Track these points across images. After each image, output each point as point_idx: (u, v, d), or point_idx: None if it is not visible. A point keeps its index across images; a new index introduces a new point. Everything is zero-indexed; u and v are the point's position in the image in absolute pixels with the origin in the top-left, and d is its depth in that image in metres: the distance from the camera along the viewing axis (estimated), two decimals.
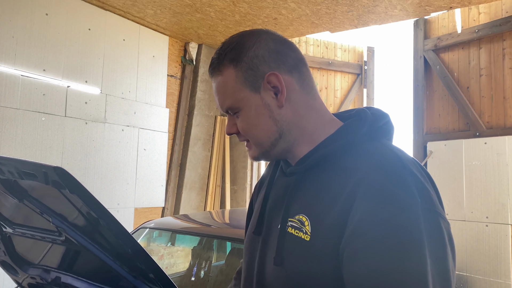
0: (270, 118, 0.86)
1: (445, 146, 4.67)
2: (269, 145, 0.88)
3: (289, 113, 0.87)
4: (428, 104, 5.03)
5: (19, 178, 0.90)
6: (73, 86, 3.88)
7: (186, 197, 5.11)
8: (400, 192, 0.71)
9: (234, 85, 0.86)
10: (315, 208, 0.80)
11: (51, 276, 1.47)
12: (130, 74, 4.46)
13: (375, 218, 0.70)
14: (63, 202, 0.94)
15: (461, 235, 4.42)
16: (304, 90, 0.89)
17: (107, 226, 0.86)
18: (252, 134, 0.88)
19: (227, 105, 0.88)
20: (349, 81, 5.79)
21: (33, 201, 1.06)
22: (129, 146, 4.39)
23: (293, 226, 0.82)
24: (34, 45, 3.60)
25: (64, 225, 1.04)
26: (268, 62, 0.86)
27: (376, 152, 0.80)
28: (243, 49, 0.87)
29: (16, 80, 3.46)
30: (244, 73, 0.86)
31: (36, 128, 3.57)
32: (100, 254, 1.07)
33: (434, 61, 4.95)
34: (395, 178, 0.73)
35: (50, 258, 1.40)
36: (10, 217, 1.28)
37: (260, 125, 0.87)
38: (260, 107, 0.86)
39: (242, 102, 0.87)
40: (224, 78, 0.87)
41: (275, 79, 0.85)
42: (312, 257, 0.77)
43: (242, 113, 0.87)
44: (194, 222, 2.70)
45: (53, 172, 0.78)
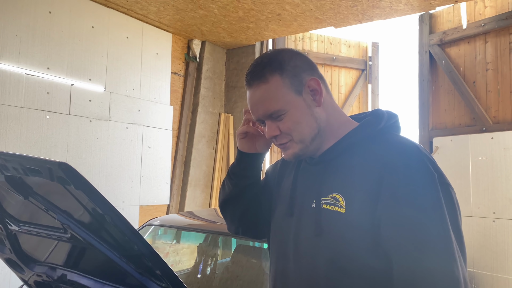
0: (312, 116, 1.04)
1: (451, 142, 4.63)
2: (310, 141, 1.04)
3: (323, 112, 1.06)
4: (433, 99, 4.99)
5: (24, 174, 0.89)
6: (77, 84, 3.88)
7: (191, 194, 5.11)
8: (421, 168, 0.91)
9: (282, 90, 1.02)
10: (347, 186, 0.97)
11: (57, 273, 1.46)
12: (134, 71, 4.45)
13: (405, 188, 0.89)
14: (68, 198, 0.92)
15: (468, 230, 4.39)
16: (328, 94, 1.09)
17: (113, 222, 0.85)
18: (297, 131, 1.03)
19: (274, 108, 1.02)
20: (353, 77, 5.76)
21: (38, 198, 1.05)
22: (134, 143, 4.39)
23: (328, 203, 0.98)
24: (37, 44, 3.60)
25: (69, 222, 1.03)
26: (306, 70, 1.05)
27: (396, 140, 1.00)
28: (283, 60, 1.04)
29: (20, 79, 3.46)
30: (290, 79, 1.02)
31: (40, 127, 3.57)
32: (106, 251, 1.06)
33: (439, 56, 4.91)
34: (415, 158, 0.93)
35: (56, 256, 1.40)
36: (15, 214, 1.27)
37: (304, 123, 1.03)
38: (304, 108, 1.03)
39: (289, 104, 1.02)
40: (271, 85, 1.02)
41: (314, 83, 1.04)
42: (348, 226, 0.93)
43: (288, 114, 1.02)
44: (199, 219, 2.69)
45: (58, 167, 0.76)
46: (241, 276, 2.33)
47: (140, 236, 0.88)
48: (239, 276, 2.36)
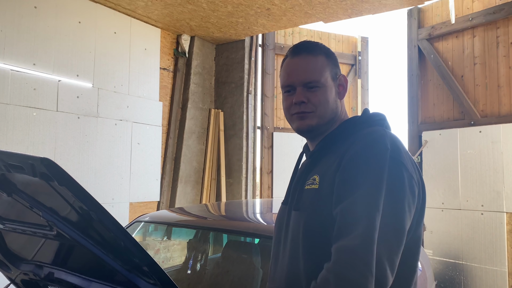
0: (336, 102, 1.21)
1: (440, 135, 4.67)
2: (327, 120, 1.19)
3: (340, 106, 1.24)
4: (422, 94, 5.02)
5: (6, 171, 0.87)
6: (64, 80, 3.82)
7: (182, 190, 5.08)
8: (375, 144, 1.03)
9: (325, 68, 1.19)
10: (323, 168, 1.12)
11: (44, 271, 1.44)
12: (122, 67, 4.40)
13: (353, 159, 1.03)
14: (53, 195, 0.91)
15: (456, 223, 4.43)
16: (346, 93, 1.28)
17: (98, 219, 0.84)
18: (324, 107, 1.18)
19: (316, 78, 1.17)
20: (343, 72, 5.77)
21: (22, 195, 1.03)
22: (123, 140, 4.35)
23: (308, 183, 1.14)
24: (23, 39, 3.54)
25: (55, 219, 1.01)
26: (338, 67, 1.26)
27: (370, 129, 1.11)
28: (329, 51, 1.24)
29: (6, 75, 3.40)
30: (332, 65, 1.22)
31: (27, 123, 3.52)
32: (92, 248, 1.04)
33: (428, 50, 4.93)
34: (374, 136, 1.05)
35: (42, 254, 1.37)
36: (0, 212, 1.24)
37: (331, 103, 1.19)
38: (334, 92, 1.21)
39: (326, 82, 1.18)
40: (319, 60, 1.19)
41: (344, 79, 1.25)
42: (319, 199, 1.07)
43: (322, 90, 1.18)
44: (190, 215, 2.67)
45: (40, 163, 0.75)
46: (232, 272, 2.33)
47: (127, 232, 0.86)
48: (229, 271, 2.36)
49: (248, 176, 5.52)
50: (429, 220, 4.64)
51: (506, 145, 4.14)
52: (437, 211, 4.59)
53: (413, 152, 4.91)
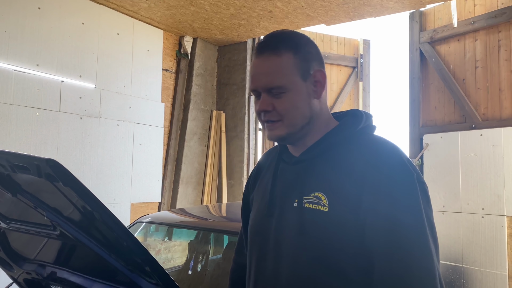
0: (308, 105, 1.03)
1: (441, 139, 4.67)
2: (299, 127, 1.04)
3: (317, 105, 1.06)
4: (424, 97, 5.03)
5: (11, 171, 0.88)
6: (67, 81, 3.84)
7: (183, 191, 5.10)
8: (401, 168, 0.95)
9: (290, 68, 1.01)
10: (329, 185, 0.97)
11: (47, 271, 1.46)
12: (125, 68, 4.42)
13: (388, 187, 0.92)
14: (57, 195, 0.92)
15: (457, 226, 4.44)
16: (326, 89, 1.09)
17: (101, 219, 0.85)
18: (291, 114, 1.02)
19: (277, 83, 1.00)
20: (345, 74, 5.78)
21: (26, 195, 1.04)
22: (125, 141, 4.36)
23: (310, 201, 0.98)
24: (27, 40, 3.56)
25: (58, 219, 1.02)
26: (316, 60, 1.05)
27: (375, 140, 1.03)
28: (300, 43, 1.04)
29: (9, 75, 3.42)
30: (300, 62, 1.02)
31: (30, 124, 3.54)
32: (95, 248, 1.06)
33: (430, 54, 4.94)
34: (395, 158, 0.97)
35: (45, 253, 1.39)
36: (4, 212, 1.26)
37: (300, 108, 1.02)
38: (304, 94, 1.02)
39: (292, 85, 1.01)
40: (281, 60, 1.01)
41: (320, 75, 1.04)
42: (332, 224, 0.93)
43: (288, 95, 1.01)
44: (191, 216, 2.68)
45: (46, 164, 0.76)
46: None
47: (129, 232, 0.87)
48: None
49: None
50: None
51: (507, 149, 4.15)
52: (438, 214, 4.59)
53: (414, 155, 4.92)
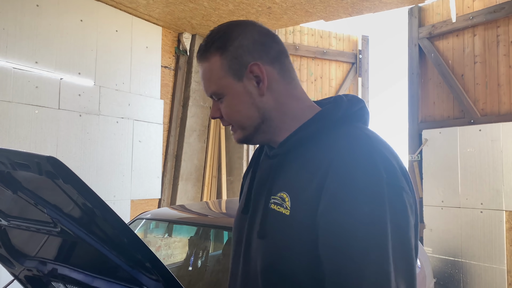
0: (252, 105, 0.93)
1: (440, 134, 4.68)
2: (252, 130, 0.95)
3: (270, 100, 0.94)
4: (423, 92, 5.04)
5: (12, 169, 0.89)
6: (66, 78, 3.84)
7: (183, 188, 5.11)
8: (367, 170, 0.79)
9: (219, 72, 0.92)
10: (295, 185, 0.87)
11: (48, 268, 1.47)
12: (124, 65, 4.42)
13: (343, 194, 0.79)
14: (57, 192, 0.93)
15: (456, 221, 4.46)
16: (285, 80, 0.95)
17: (102, 216, 0.86)
18: (235, 119, 0.95)
19: (211, 90, 0.94)
20: (344, 70, 5.78)
21: (27, 193, 1.05)
22: (124, 138, 4.37)
23: (275, 202, 0.89)
24: (25, 37, 3.55)
25: (59, 216, 1.03)
26: (252, 52, 0.92)
27: (349, 134, 0.87)
28: (230, 38, 0.92)
29: (8, 73, 3.42)
30: (229, 61, 0.91)
31: (29, 121, 3.54)
32: (96, 245, 1.07)
33: (428, 49, 4.94)
34: (363, 157, 0.81)
35: (46, 250, 1.40)
36: (4, 209, 1.26)
37: (242, 111, 0.93)
38: (243, 95, 0.92)
39: (225, 89, 0.92)
40: (210, 65, 0.93)
41: (257, 69, 0.91)
42: (291, 230, 0.84)
43: (226, 99, 0.93)
44: (191, 212, 2.70)
45: (46, 162, 0.77)
46: None
47: (130, 229, 0.88)
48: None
49: None
50: (429, 218, 4.66)
51: (506, 144, 4.16)
52: (437, 209, 4.60)
53: (413, 150, 4.93)
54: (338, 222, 0.77)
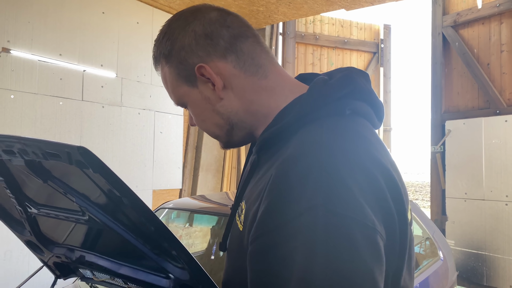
0: (214, 112, 0.79)
1: (464, 125, 4.59)
2: (225, 136, 0.83)
3: (234, 102, 0.78)
4: (446, 82, 4.93)
5: (43, 158, 0.92)
6: (89, 70, 3.91)
7: (203, 178, 5.16)
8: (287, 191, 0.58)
9: (173, 82, 0.80)
10: (252, 194, 0.69)
11: (76, 255, 1.51)
12: (145, 57, 4.47)
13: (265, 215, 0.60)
14: (86, 181, 0.95)
15: (480, 214, 4.38)
16: (247, 72, 0.77)
17: (130, 204, 0.87)
18: (204, 129, 0.84)
19: (174, 101, 0.84)
20: (365, 60, 5.70)
21: (56, 182, 1.08)
22: (146, 129, 4.43)
23: (239, 212, 0.74)
24: (49, 30, 3.62)
25: (87, 205, 1.06)
26: (196, 51, 0.76)
27: (312, 133, 0.65)
28: (172, 40, 0.78)
29: (34, 65, 3.50)
30: (175, 68, 0.78)
31: (54, 113, 3.62)
32: (123, 233, 1.09)
33: (453, 38, 4.83)
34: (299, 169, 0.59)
35: (74, 238, 1.44)
36: (34, 198, 1.31)
37: (207, 120, 0.81)
38: (201, 102, 0.79)
39: (184, 98, 0.81)
40: (163, 74, 0.82)
41: (205, 71, 0.75)
42: (241, 248, 0.68)
43: (189, 109, 0.82)
44: (212, 202, 2.72)
45: (77, 151, 0.79)
46: None
47: (157, 217, 0.90)
48: None
49: None
50: (452, 210, 4.59)
51: None
52: (460, 201, 4.53)
53: (436, 141, 4.84)
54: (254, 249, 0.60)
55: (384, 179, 0.61)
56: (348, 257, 0.53)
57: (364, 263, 0.53)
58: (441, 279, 2.70)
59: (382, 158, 0.63)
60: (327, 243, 0.53)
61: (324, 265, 0.52)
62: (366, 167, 0.60)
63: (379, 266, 0.55)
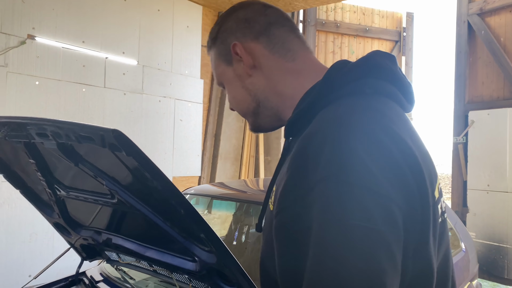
0: (243, 88, 0.86)
1: (488, 115, 4.49)
2: (252, 115, 0.88)
3: (261, 80, 0.84)
4: (471, 72, 4.81)
5: (76, 141, 0.93)
6: (111, 58, 3.95)
7: (221, 166, 5.19)
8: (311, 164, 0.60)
9: (216, 62, 0.90)
10: (280, 178, 0.73)
11: (103, 237, 1.54)
12: (165, 45, 4.48)
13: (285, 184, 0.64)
14: (118, 164, 0.97)
15: (502, 206, 4.29)
16: (275, 53, 0.84)
17: (161, 187, 0.89)
18: (235, 106, 0.91)
19: (216, 82, 0.93)
20: (386, 49, 5.60)
21: (87, 165, 1.10)
22: (166, 116, 4.47)
23: (271, 197, 0.80)
24: (73, 17, 3.66)
25: (117, 188, 1.08)
26: (235, 32, 0.85)
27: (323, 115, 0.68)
28: (219, 25, 0.89)
29: (58, 52, 3.55)
30: (218, 48, 0.88)
31: (77, 99, 3.68)
32: (151, 216, 1.11)
33: (478, 26, 4.70)
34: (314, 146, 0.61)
35: (101, 220, 1.47)
36: (64, 181, 1.33)
37: (237, 97, 0.88)
38: (234, 79, 0.87)
39: (222, 77, 0.89)
40: (212, 55, 0.91)
41: (238, 48, 0.84)
42: (271, 226, 0.71)
43: (226, 88, 0.91)
44: (231, 189, 2.75)
45: (111, 134, 0.80)
46: None
47: (187, 201, 0.91)
48: None
49: None
50: (473, 202, 4.52)
51: None
52: (482, 193, 4.45)
53: (458, 132, 4.75)
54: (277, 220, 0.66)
55: (399, 152, 0.61)
56: (360, 224, 0.54)
57: (376, 229, 0.55)
58: (462, 271, 2.67)
59: (402, 133, 0.63)
60: (340, 212, 0.55)
61: (338, 232, 0.55)
62: (381, 139, 0.60)
63: (394, 232, 0.56)
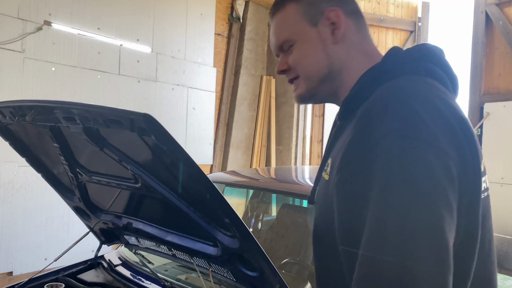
0: (323, 51, 0.88)
1: (504, 108, 4.42)
2: (317, 80, 0.89)
3: (342, 50, 0.88)
4: (487, 63, 4.74)
5: (104, 125, 0.94)
6: (125, 45, 3.96)
7: (233, 155, 5.21)
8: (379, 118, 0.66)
9: (294, 18, 0.89)
10: (336, 148, 0.80)
11: (123, 222, 1.56)
12: (179, 33, 4.48)
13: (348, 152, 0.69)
14: (144, 149, 0.97)
15: None
16: (360, 33, 0.90)
17: (188, 172, 0.89)
18: (303, 65, 0.89)
19: (283, 37, 0.91)
20: (401, 39, 5.53)
21: (112, 149, 1.11)
22: (179, 104, 4.48)
23: (325, 170, 0.84)
24: (88, 4, 3.67)
25: (142, 173, 1.08)
26: (330, 0, 0.88)
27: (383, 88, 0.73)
28: None
29: (74, 38, 3.56)
30: (305, 7, 0.89)
31: (92, 86, 3.70)
32: (174, 200, 1.12)
33: (496, 16, 4.61)
34: (382, 103, 0.68)
35: (122, 205, 1.48)
36: (87, 165, 1.34)
37: (312, 57, 0.88)
38: (315, 40, 0.88)
39: (298, 35, 0.89)
40: (285, 13, 0.91)
41: (334, 15, 0.87)
42: (327, 195, 0.77)
43: (297, 45, 0.90)
44: (244, 177, 2.76)
45: (142, 118, 0.80)
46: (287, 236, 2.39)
47: (214, 186, 0.91)
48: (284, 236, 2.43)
49: (298, 144, 5.53)
50: None
51: None
52: (496, 186, 4.41)
53: (473, 124, 4.70)
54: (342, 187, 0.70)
55: (453, 117, 0.67)
56: (423, 176, 0.59)
57: (438, 181, 0.60)
58: None
59: (453, 103, 0.71)
60: (403, 164, 0.60)
61: (401, 184, 0.60)
62: (437, 104, 0.67)
63: (452, 187, 0.62)
